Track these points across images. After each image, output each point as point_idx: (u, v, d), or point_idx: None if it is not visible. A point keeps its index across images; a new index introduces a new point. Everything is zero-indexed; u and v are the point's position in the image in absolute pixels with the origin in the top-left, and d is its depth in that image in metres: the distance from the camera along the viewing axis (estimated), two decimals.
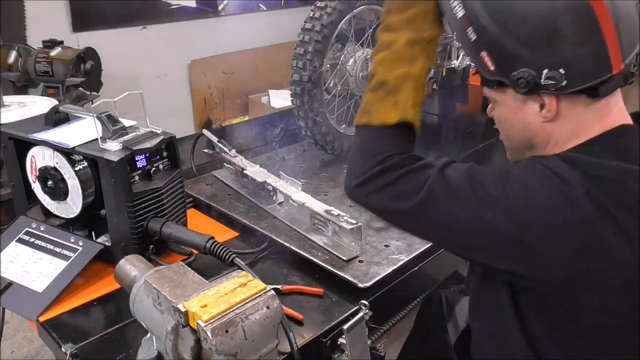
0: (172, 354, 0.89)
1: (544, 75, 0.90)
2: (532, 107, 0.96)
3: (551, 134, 0.98)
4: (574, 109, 0.94)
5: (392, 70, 1.02)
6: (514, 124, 1.02)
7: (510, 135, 1.06)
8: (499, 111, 1.04)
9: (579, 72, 0.89)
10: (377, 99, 1.04)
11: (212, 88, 3.81)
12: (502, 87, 0.98)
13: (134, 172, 1.27)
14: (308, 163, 1.97)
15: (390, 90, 1.02)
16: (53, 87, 2.26)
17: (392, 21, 1.05)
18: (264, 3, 3.97)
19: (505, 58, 0.93)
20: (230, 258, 1.22)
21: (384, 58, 1.04)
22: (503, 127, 1.06)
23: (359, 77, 1.90)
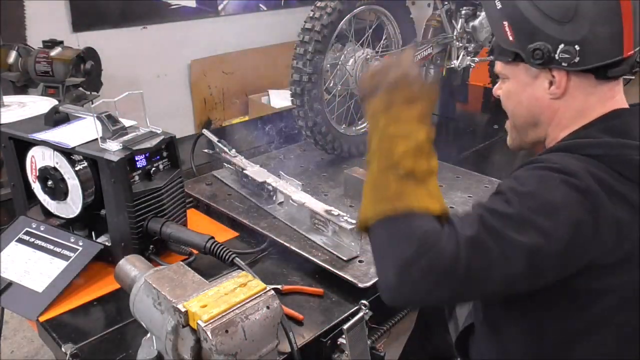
0: (172, 354, 0.89)
1: (560, 50, 0.96)
2: (542, 83, 1.02)
3: (556, 112, 1.03)
4: (581, 89, 1.00)
5: (417, 162, 0.91)
6: (523, 99, 1.06)
7: (517, 111, 1.09)
8: (509, 86, 1.08)
9: (593, 51, 0.94)
10: (409, 188, 0.90)
11: (212, 88, 3.81)
12: (515, 61, 1.03)
13: (134, 172, 1.27)
14: (308, 163, 1.97)
15: (418, 181, 0.91)
16: (53, 87, 2.26)
17: (401, 115, 0.94)
18: (264, 3, 3.97)
19: (526, 29, 0.98)
20: (230, 258, 1.22)
21: (407, 150, 0.91)
22: (510, 102, 1.09)
23: (359, 77, 1.90)
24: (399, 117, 0.94)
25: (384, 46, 2.06)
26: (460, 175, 1.86)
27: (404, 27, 2.07)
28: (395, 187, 0.90)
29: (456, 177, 1.85)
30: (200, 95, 3.77)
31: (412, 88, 0.95)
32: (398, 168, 0.90)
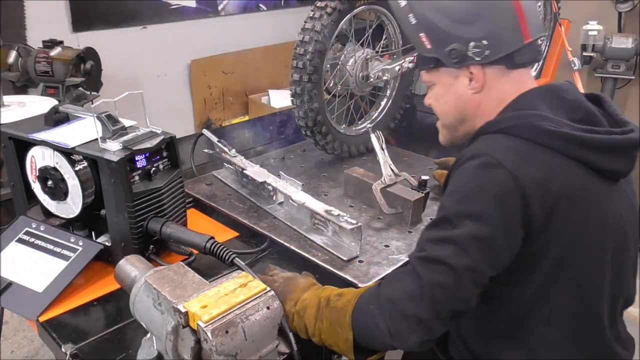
0: (172, 354, 0.89)
1: (471, 47, 1.10)
2: (463, 81, 1.16)
3: (480, 105, 1.16)
4: (496, 79, 1.14)
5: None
6: (449, 99, 1.20)
7: (445, 111, 1.23)
8: (436, 91, 1.23)
9: (499, 42, 1.10)
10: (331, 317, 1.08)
11: (212, 88, 3.81)
12: (436, 67, 1.18)
13: (134, 172, 1.27)
14: (308, 163, 1.97)
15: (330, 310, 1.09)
16: (53, 87, 2.26)
17: (306, 296, 1.13)
18: (264, 3, 3.97)
19: (439, 36, 1.13)
20: (230, 258, 1.22)
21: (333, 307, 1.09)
22: (439, 104, 1.23)
23: (359, 77, 1.90)
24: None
25: (384, 46, 2.06)
26: None
27: None
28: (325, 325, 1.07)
29: None
30: (200, 95, 3.77)
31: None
32: (322, 308, 1.09)
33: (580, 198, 1.02)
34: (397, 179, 1.60)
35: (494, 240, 0.97)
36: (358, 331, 1.02)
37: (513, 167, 0.98)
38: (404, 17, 1.16)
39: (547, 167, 1.01)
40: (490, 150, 1.03)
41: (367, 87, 1.97)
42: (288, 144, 2.13)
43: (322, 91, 1.80)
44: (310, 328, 1.08)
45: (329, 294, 1.10)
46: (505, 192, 0.97)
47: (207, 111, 3.84)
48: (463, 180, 1.03)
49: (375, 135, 1.64)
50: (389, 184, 1.58)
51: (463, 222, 0.98)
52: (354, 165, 1.78)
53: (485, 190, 0.99)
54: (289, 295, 1.12)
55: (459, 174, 1.04)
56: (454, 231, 0.98)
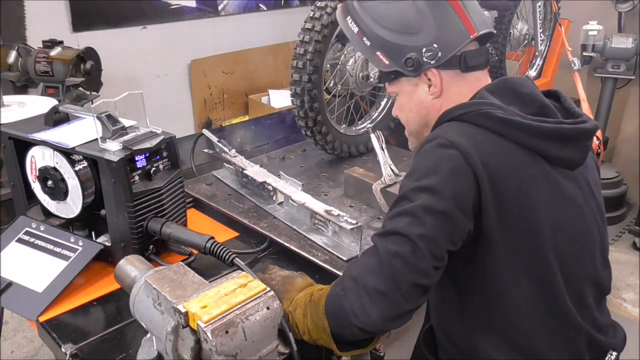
0: (172, 354, 0.89)
1: (424, 53, 1.17)
2: (422, 88, 1.22)
3: (440, 109, 1.20)
4: (453, 83, 1.20)
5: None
6: (412, 106, 1.26)
7: (410, 118, 1.28)
8: (399, 100, 1.28)
9: (448, 42, 1.17)
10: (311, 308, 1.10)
11: (212, 88, 3.81)
12: (397, 78, 1.24)
13: (134, 172, 1.27)
14: (308, 163, 1.97)
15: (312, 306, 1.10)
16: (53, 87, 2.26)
17: (299, 297, 1.13)
18: (264, 3, 3.97)
19: (394, 50, 1.19)
20: (230, 258, 1.22)
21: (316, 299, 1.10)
22: (404, 113, 1.29)
23: (359, 77, 1.90)
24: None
25: None
26: None
27: None
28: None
29: None
30: (200, 95, 3.77)
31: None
32: (308, 303, 1.09)
33: (529, 183, 1.07)
34: (397, 179, 1.60)
35: (448, 212, 1.01)
36: (330, 319, 1.04)
37: (465, 148, 1.03)
38: (359, 41, 1.24)
39: (497, 152, 1.06)
40: (445, 133, 1.09)
41: (367, 87, 1.97)
42: (288, 144, 2.13)
43: (322, 91, 1.80)
44: (300, 326, 1.08)
45: (313, 290, 1.12)
46: (458, 168, 1.03)
47: (207, 111, 3.84)
48: (420, 161, 1.08)
49: (375, 135, 1.64)
50: (389, 184, 1.58)
51: (418, 196, 1.02)
52: (354, 165, 1.78)
53: (439, 166, 1.04)
54: (285, 295, 1.13)
55: (418, 156, 1.11)
56: (409, 205, 1.02)
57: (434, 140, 1.08)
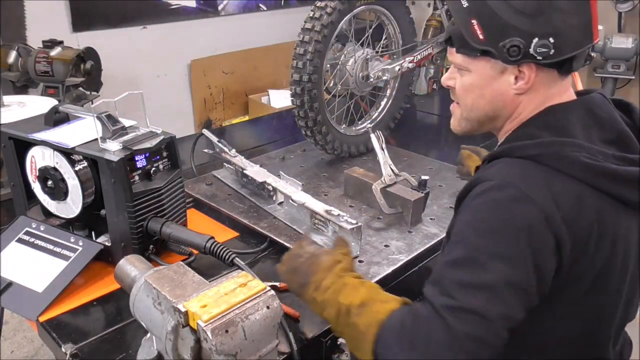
0: (172, 354, 0.89)
1: (534, 44, 0.96)
2: (508, 78, 1.02)
3: (518, 107, 1.05)
4: (544, 83, 1.02)
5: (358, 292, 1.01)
6: (485, 93, 1.06)
7: (477, 105, 1.08)
8: (469, 79, 1.06)
9: (568, 41, 0.96)
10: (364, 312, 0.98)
11: (212, 88, 3.82)
12: (481, 56, 1.02)
13: (134, 172, 1.27)
14: (308, 163, 1.97)
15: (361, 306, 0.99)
16: (53, 87, 2.26)
17: (325, 283, 1.05)
18: (264, 3, 3.98)
19: (496, 26, 0.97)
20: (230, 258, 1.22)
21: (346, 295, 1.02)
22: (470, 95, 1.08)
23: (359, 77, 1.90)
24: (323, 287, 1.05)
25: (383, 46, 2.06)
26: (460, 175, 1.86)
27: (404, 27, 2.07)
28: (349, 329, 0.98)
29: (456, 177, 1.85)
30: (200, 95, 3.77)
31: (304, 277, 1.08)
32: (343, 316, 0.99)
33: (609, 232, 0.95)
34: (397, 179, 1.60)
35: (529, 285, 0.90)
36: (380, 354, 0.93)
37: (545, 204, 0.90)
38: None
39: (578, 205, 0.93)
40: (519, 180, 0.93)
41: (367, 87, 1.97)
42: (288, 144, 2.13)
43: (322, 91, 1.80)
44: (332, 325, 1.04)
45: (350, 303, 0.99)
46: (539, 231, 0.90)
47: (207, 111, 3.84)
48: (489, 214, 0.93)
49: (375, 135, 1.64)
50: (389, 184, 1.58)
51: (494, 265, 0.89)
52: (354, 165, 1.78)
53: (516, 229, 0.90)
54: (310, 278, 1.06)
55: (483, 204, 0.94)
56: (485, 275, 0.88)
57: (506, 189, 0.92)
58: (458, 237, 0.96)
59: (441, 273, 0.93)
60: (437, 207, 1.64)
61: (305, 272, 1.08)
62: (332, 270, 1.06)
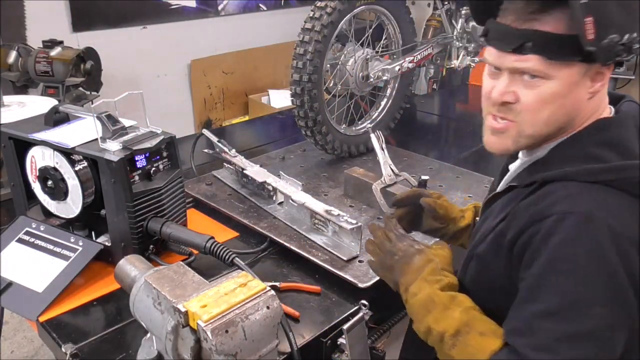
0: (172, 354, 0.89)
1: (628, 39, 0.86)
2: (585, 82, 0.90)
3: (586, 113, 0.93)
4: (605, 86, 0.93)
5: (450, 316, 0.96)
6: (567, 103, 0.90)
7: (554, 118, 0.92)
8: (549, 89, 0.89)
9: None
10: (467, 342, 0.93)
11: (212, 88, 3.82)
12: (569, 61, 0.88)
13: (134, 172, 1.27)
14: (308, 163, 1.97)
15: (460, 335, 0.94)
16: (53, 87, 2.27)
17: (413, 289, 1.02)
18: (264, 3, 3.98)
19: (606, 24, 0.85)
20: (230, 258, 1.22)
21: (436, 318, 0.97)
22: (546, 108, 0.91)
23: (359, 77, 1.90)
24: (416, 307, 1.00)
25: (383, 46, 2.06)
26: (460, 175, 1.86)
27: (404, 27, 2.07)
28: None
29: (456, 177, 1.85)
30: (200, 95, 3.77)
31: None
32: (435, 341, 0.96)
33: None
34: (397, 179, 1.60)
35: (632, 321, 0.84)
36: None
37: (633, 236, 0.83)
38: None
39: None
40: (603, 211, 0.83)
41: (367, 87, 1.97)
42: (288, 144, 2.13)
43: (322, 91, 1.80)
44: (422, 335, 0.99)
45: (443, 330, 0.94)
46: (635, 270, 0.82)
47: (207, 111, 3.85)
48: (577, 251, 0.83)
49: (375, 135, 1.64)
50: (389, 184, 1.58)
51: (595, 310, 0.81)
52: (354, 165, 1.78)
53: (612, 266, 0.81)
54: (401, 279, 1.04)
55: (568, 242, 0.83)
56: (586, 323, 0.81)
57: (590, 221, 0.82)
58: (544, 281, 0.85)
59: (532, 324, 0.84)
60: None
61: (397, 272, 1.05)
62: (421, 272, 1.02)
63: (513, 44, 0.89)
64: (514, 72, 0.91)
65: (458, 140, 2.46)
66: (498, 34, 0.93)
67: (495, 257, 0.96)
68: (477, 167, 1.95)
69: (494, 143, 0.99)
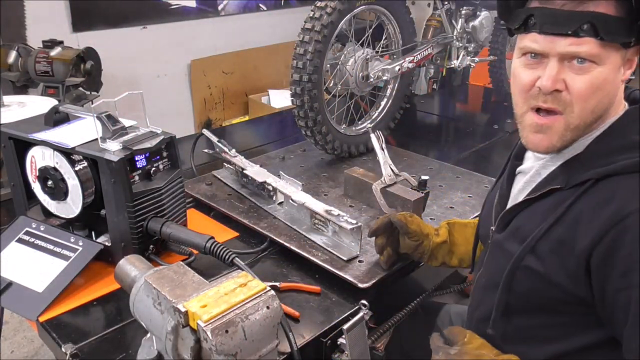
0: (172, 354, 0.89)
1: None
2: (622, 69, 0.90)
3: (618, 101, 0.93)
4: (632, 71, 0.92)
5: None
6: (612, 90, 0.90)
7: (600, 106, 0.90)
8: (601, 74, 0.87)
9: None
10: None
11: (212, 88, 3.82)
12: (624, 42, 0.86)
13: (134, 172, 1.27)
14: (308, 163, 1.97)
15: None
16: (53, 87, 2.27)
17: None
18: (264, 3, 3.98)
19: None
20: (230, 258, 1.22)
21: None
22: (596, 96, 0.88)
23: (359, 77, 1.90)
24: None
25: (384, 46, 2.06)
26: (460, 175, 1.86)
27: (404, 27, 2.07)
28: None
29: (456, 177, 1.85)
30: (200, 95, 3.77)
31: None
32: None
33: None
34: (397, 179, 1.60)
35: None
36: None
37: None
38: None
39: None
40: None
41: (367, 87, 1.97)
42: (288, 144, 2.13)
43: (322, 91, 1.80)
44: None
45: None
46: None
47: (207, 111, 3.85)
48: None
49: (375, 135, 1.65)
50: (389, 184, 1.58)
51: None
52: (354, 165, 1.78)
53: None
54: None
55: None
56: None
57: None
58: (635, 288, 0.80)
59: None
60: (437, 207, 1.64)
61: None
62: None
63: (570, 27, 0.85)
64: (564, 57, 0.88)
65: (458, 140, 2.46)
66: (548, 17, 0.88)
67: (559, 268, 0.89)
68: (477, 167, 1.95)
69: (540, 140, 0.94)
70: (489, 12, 2.43)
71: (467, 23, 2.36)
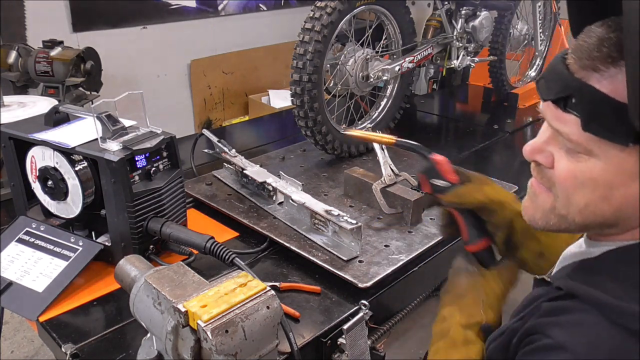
0: (172, 354, 0.89)
1: None
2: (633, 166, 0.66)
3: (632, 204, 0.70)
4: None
5: (450, 356, 0.90)
6: (615, 196, 0.68)
7: (593, 208, 0.71)
8: (589, 170, 0.68)
9: None
10: None
11: (212, 88, 3.82)
12: (613, 141, 0.65)
13: (134, 172, 1.27)
14: (308, 163, 1.97)
15: None
16: (53, 87, 2.26)
17: (444, 312, 0.96)
18: (264, 3, 3.98)
19: None
20: (230, 258, 1.22)
21: (438, 348, 0.93)
22: (582, 192, 0.70)
23: (359, 77, 1.90)
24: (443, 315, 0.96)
25: (384, 46, 2.06)
26: None
27: (404, 27, 2.07)
28: None
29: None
30: (200, 95, 3.77)
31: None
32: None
33: None
34: (397, 179, 1.60)
35: None
36: None
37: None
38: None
39: None
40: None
41: (367, 87, 1.97)
42: (288, 144, 2.13)
43: (322, 91, 1.80)
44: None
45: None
46: None
47: (207, 111, 3.85)
48: None
49: None
50: (389, 184, 1.58)
51: None
52: (354, 165, 1.78)
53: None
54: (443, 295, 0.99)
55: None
56: None
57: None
58: None
59: None
60: (437, 207, 1.64)
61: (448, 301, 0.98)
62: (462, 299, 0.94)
63: (552, 93, 0.68)
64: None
65: (458, 140, 2.46)
66: (549, 71, 0.71)
67: (501, 352, 0.80)
68: (477, 167, 1.95)
69: (526, 208, 0.80)
70: (489, 12, 2.43)
71: (467, 23, 2.36)
